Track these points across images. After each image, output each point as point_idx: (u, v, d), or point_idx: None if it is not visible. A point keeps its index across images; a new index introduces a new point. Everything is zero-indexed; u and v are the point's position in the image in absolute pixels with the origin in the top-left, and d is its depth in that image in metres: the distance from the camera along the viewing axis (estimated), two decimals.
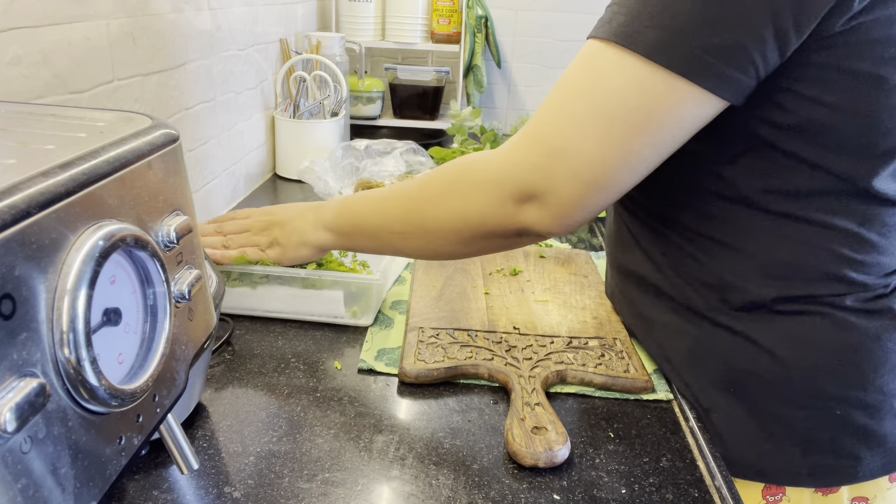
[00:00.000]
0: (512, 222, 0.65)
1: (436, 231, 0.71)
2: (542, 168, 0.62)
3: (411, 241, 0.74)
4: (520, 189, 0.63)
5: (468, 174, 0.69)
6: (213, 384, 0.76)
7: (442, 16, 1.92)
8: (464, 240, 0.70)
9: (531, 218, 0.64)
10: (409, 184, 0.75)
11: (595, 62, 0.60)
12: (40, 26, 0.73)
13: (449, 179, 0.70)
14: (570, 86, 0.62)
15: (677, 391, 0.78)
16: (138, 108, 0.95)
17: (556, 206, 0.62)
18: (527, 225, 0.65)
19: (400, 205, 0.74)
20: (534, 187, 0.62)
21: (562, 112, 0.61)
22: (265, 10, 1.44)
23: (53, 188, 0.33)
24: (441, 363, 0.78)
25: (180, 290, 0.43)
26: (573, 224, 0.64)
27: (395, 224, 0.74)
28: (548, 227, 0.64)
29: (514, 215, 0.65)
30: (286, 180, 1.55)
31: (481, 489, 0.62)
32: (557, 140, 0.61)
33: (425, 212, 0.71)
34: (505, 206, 0.65)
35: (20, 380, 0.30)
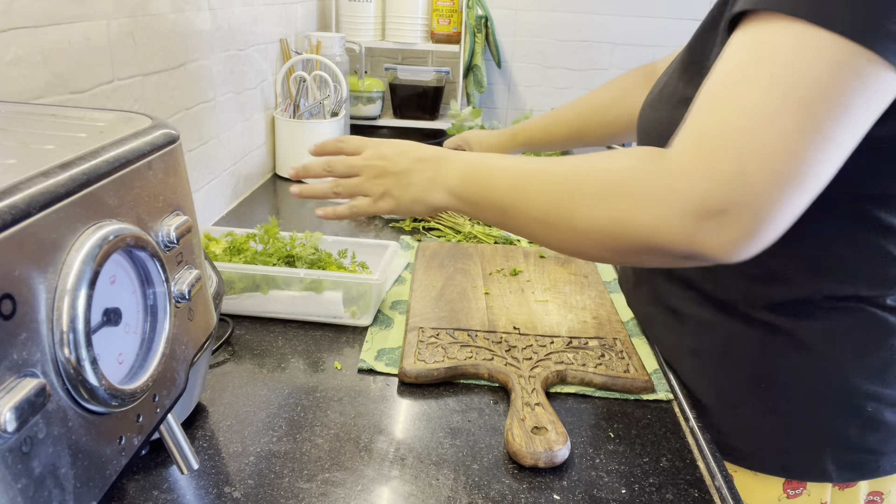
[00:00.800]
0: (686, 242, 0.55)
1: (586, 231, 0.61)
2: (736, 175, 0.52)
3: (552, 233, 0.65)
4: (707, 203, 0.53)
5: (640, 175, 0.57)
6: (213, 384, 0.76)
7: (442, 16, 1.92)
8: (618, 248, 0.60)
9: (711, 240, 0.54)
10: (558, 168, 0.64)
11: (776, 46, 0.52)
12: (40, 26, 0.73)
13: (613, 177, 0.59)
14: (742, 77, 0.53)
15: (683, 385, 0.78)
16: (138, 108, 0.95)
17: (751, 220, 0.52)
18: (704, 249, 0.55)
19: (547, 192, 0.63)
20: (726, 200, 0.52)
21: (742, 108, 0.52)
22: (265, 10, 1.44)
23: (53, 188, 0.33)
24: (441, 363, 0.78)
25: (180, 290, 0.43)
26: (764, 243, 0.55)
27: (536, 211, 0.64)
28: (732, 249, 0.54)
29: (692, 235, 0.54)
30: (286, 180, 1.55)
31: (481, 489, 0.62)
32: (746, 140, 0.52)
33: (578, 209, 0.61)
34: (684, 221, 0.54)
35: (20, 380, 0.30)
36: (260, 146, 1.50)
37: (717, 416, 0.74)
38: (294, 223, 1.27)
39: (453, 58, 2.10)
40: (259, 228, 0.97)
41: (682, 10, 2.11)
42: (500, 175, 0.68)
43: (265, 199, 1.43)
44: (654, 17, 2.12)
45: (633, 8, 2.11)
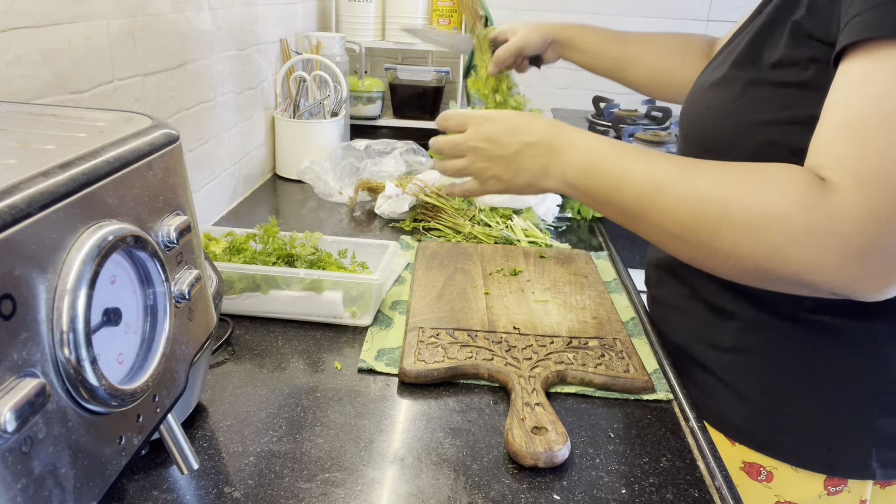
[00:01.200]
0: (843, 284, 0.53)
1: (729, 257, 0.58)
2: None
3: (685, 249, 0.61)
4: (870, 245, 0.51)
5: (799, 212, 0.53)
6: (213, 384, 0.76)
7: (442, 16, 1.92)
8: (761, 278, 0.58)
9: (875, 282, 0.53)
10: (701, 184, 0.59)
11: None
12: (40, 26, 0.73)
13: (769, 210, 0.55)
14: (886, 110, 0.51)
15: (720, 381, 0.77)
16: (138, 108, 0.95)
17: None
18: (864, 291, 0.53)
19: (687, 210, 0.59)
20: (890, 242, 0.51)
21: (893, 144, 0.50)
22: (265, 10, 1.44)
23: (53, 188, 0.33)
24: (441, 363, 0.78)
25: (180, 290, 0.43)
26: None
27: (671, 225, 0.60)
28: (884, 291, 0.54)
29: (853, 278, 0.53)
30: (286, 180, 1.55)
31: (481, 489, 0.62)
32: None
33: (724, 235, 0.57)
34: (845, 265, 0.52)
35: (20, 380, 0.30)
36: (260, 146, 1.50)
37: (760, 412, 0.73)
38: (294, 223, 1.27)
39: (453, 58, 2.10)
40: (259, 228, 0.97)
41: (682, 10, 2.10)
42: (630, 178, 0.63)
43: (265, 199, 1.43)
44: (654, 17, 2.12)
45: (633, 8, 2.11)
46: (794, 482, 0.73)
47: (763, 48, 0.68)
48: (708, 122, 0.72)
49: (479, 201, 1.28)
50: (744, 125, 0.67)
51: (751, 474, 0.75)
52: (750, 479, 0.75)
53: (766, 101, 0.63)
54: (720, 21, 2.11)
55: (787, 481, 0.73)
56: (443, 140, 0.76)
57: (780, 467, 0.73)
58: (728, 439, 0.76)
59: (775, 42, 0.67)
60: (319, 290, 0.89)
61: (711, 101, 0.72)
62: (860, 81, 0.53)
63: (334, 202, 1.39)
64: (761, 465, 0.74)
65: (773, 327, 0.72)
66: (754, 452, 0.74)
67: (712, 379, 0.78)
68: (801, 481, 0.72)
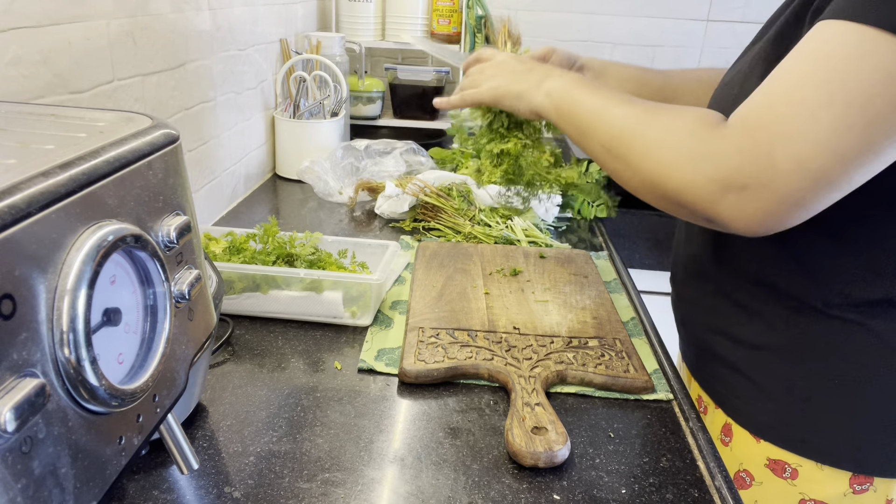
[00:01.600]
0: (707, 207, 0.61)
1: (634, 170, 0.68)
2: (764, 156, 0.56)
3: (611, 163, 0.71)
4: (731, 175, 0.58)
5: (689, 138, 0.63)
6: (213, 384, 0.76)
7: (442, 16, 1.92)
8: (655, 194, 0.67)
9: (730, 211, 0.59)
10: (635, 106, 0.71)
11: (834, 45, 0.55)
12: (40, 26, 0.73)
13: (670, 132, 0.65)
14: (799, 71, 0.57)
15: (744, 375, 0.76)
16: (138, 108, 0.95)
17: (768, 202, 0.57)
18: (723, 218, 0.60)
19: (617, 123, 0.70)
20: (749, 176, 0.57)
21: (790, 98, 0.56)
22: (265, 10, 1.44)
23: (53, 188, 0.33)
24: (441, 363, 0.78)
25: (180, 290, 0.43)
26: (780, 224, 0.59)
27: (605, 138, 0.71)
28: (749, 225, 0.59)
29: (713, 202, 0.60)
30: (286, 180, 1.55)
31: (481, 489, 0.62)
32: (783, 126, 0.56)
33: (634, 148, 0.67)
34: (708, 187, 0.60)
35: (20, 380, 0.30)
36: (260, 146, 1.50)
37: (786, 408, 0.73)
38: (294, 223, 1.28)
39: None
40: (259, 228, 0.97)
41: (682, 10, 2.10)
42: (590, 96, 0.75)
43: (265, 199, 1.43)
44: (654, 17, 2.12)
45: (633, 8, 2.11)
46: (819, 480, 0.72)
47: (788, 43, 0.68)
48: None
49: (479, 201, 1.28)
50: None
51: (776, 471, 0.74)
52: (775, 476, 0.74)
53: None
54: (720, 21, 2.11)
55: (813, 479, 0.72)
56: (473, 68, 0.92)
57: (806, 464, 0.72)
58: (753, 436, 0.75)
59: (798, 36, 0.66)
60: (319, 290, 0.89)
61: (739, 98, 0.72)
62: (802, 42, 0.59)
63: (334, 202, 1.39)
64: (786, 462, 0.73)
65: (800, 324, 0.72)
66: (780, 449, 0.74)
67: (738, 376, 0.77)
68: (826, 479, 0.72)
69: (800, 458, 0.73)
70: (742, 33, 2.11)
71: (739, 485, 0.77)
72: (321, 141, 1.52)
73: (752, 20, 2.09)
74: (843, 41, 0.55)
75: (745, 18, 2.10)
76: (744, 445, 0.76)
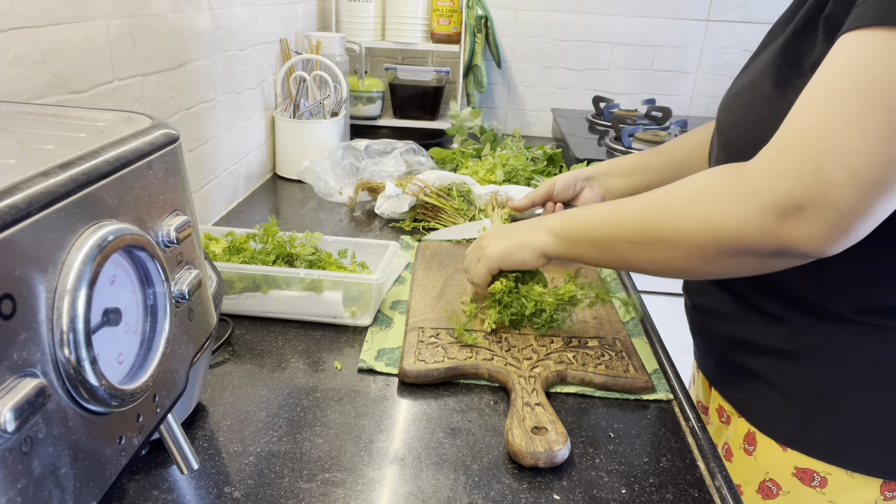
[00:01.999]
0: (771, 239, 0.58)
1: (675, 243, 0.64)
2: (812, 173, 0.55)
3: (644, 252, 0.68)
4: (784, 200, 0.56)
5: (720, 184, 0.62)
6: (213, 384, 0.76)
7: (442, 16, 1.92)
8: (708, 256, 0.63)
9: (798, 234, 0.56)
10: (647, 194, 0.70)
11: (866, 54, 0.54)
12: (40, 26, 0.73)
13: (697, 188, 0.64)
14: (833, 86, 0.56)
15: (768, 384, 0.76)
16: (138, 108, 0.95)
17: (831, 217, 0.55)
18: (791, 243, 0.57)
19: (636, 213, 0.69)
20: (802, 197, 0.55)
21: (828, 113, 0.55)
22: (265, 10, 1.44)
23: (53, 188, 0.33)
24: (441, 363, 0.78)
25: (180, 290, 0.43)
26: (849, 238, 0.57)
27: (627, 233, 0.69)
28: (819, 244, 0.57)
29: (775, 231, 0.57)
30: (286, 180, 1.55)
31: (481, 489, 0.62)
32: (827, 142, 0.54)
33: (664, 221, 0.65)
34: (764, 219, 0.57)
35: (20, 380, 0.30)
36: (260, 146, 1.50)
37: (814, 416, 0.72)
38: (294, 223, 1.28)
39: (453, 58, 2.10)
40: (259, 228, 0.97)
41: (682, 10, 2.11)
42: (596, 210, 0.75)
43: (265, 199, 1.43)
44: (654, 17, 2.12)
45: (633, 8, 2.11)
46: (849, 487, 0.71)
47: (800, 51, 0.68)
48: (750, 128, 0.71)
49: (479, 201, 1.28)
50: None
51: (804, 480, 0.73)
52: (803, 485, 0.73)
53: None
54: (720, 21, 2.11)
55: (842, 487, 0.71)
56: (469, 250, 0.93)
57: (835, 472, 0.71)
58: (779, 445, 0.74)
59: (811, 44, 0.66)
60: (319, 290, 0.89)
61: (751, 106, 0.71)
62: (829, 59, 0.58)
63: (334, 202, 1.39)
64: (815, 470, 0.72)
65: (827, 330, 0.70)
66: (807, 458, 0.72)
67: (762, 384, 0.76)
68: (856, 486, 0.71)
69: (829, 466, 0.71)
70: (742, 33, 2.11)
71: (765, 495, 0.76)
72: (321, 141, 1.52)
73: (752, 20, 2.10)
74: (875, 51, 0.54)
75: (745, 18, 2.10)
76: (769, 454, 0.75)
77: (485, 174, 1.42)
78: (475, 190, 1.28)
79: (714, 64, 2.16)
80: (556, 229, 0.79)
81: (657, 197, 0.68)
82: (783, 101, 0.67)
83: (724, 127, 0.77)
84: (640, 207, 0.69)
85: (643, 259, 0.69)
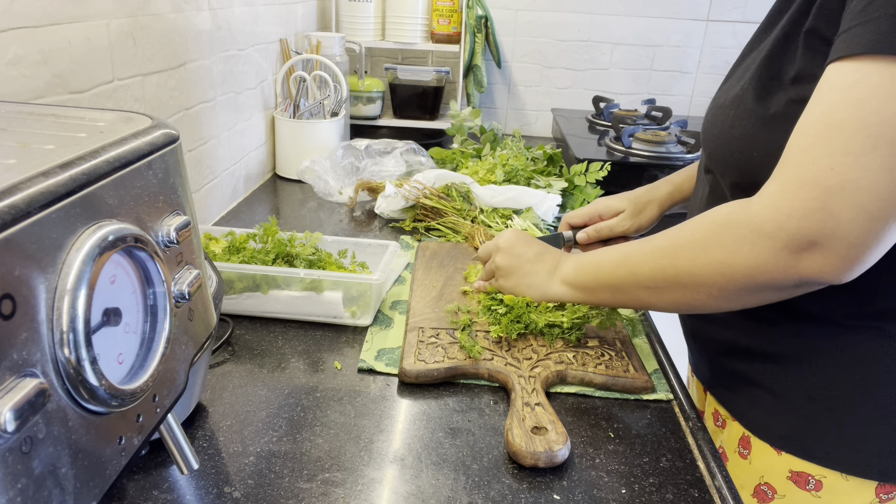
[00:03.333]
0: (790, 274, 0.59)
1: (695, 286, 0.66)
2: (819, 210, 0.56)
3: (665, 296, 0.70)
4: (795, 238, 0.57)
5: (728, 227, 0.62)
6: (213, 384, 0.76)
7: (442, 16, 1.92)
8: (728, 295, 0.64)
9: (814, 267, 0.58)
10: (656, 238, 0.71)
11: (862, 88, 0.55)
12: (40, 26, 0.73)
13: (705, 233, 0.65)
14: (832, 120, 0.56)
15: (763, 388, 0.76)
16: (138, 108, 0.95)
17: (843, 250, 0.56)
18: (809, 275, 0.59)
19: (649, 260, 0.70)
20: (813, 234, 0.57)
21: (829, 149, 0.55)
22: (265, 10, 1.44)
23: (53, 188, 0.33)
24: (441, 363, 0.78)
25: (180, 290, 0.43)
26: (863, 265, 0.58)
27: (644, 280, 0.70)
28: (836, 274, 0.58)
29: (792, 267, 0.59)
30: (286, 180, 1.55)
31: (481, 489, 0.62)
32: (832, 178, 0.55)
33: (680, 267, 0.66)
34: (778, 257, 0.59)
35: (20, 380, 0.30)
36: (260, 146, 1.50)
37: (809, 419, 0.72)
38: (294, 223, 1.28)
39: (453, 58, 2.10)
40: (258, 228, 0.97)
41: (682, 10, 2.11)
42: (609, 257, 0.75)
43: (265, 199, 1.43)
44: (654, 17, 2.12)
45: (633, 8, 2.11)
46: (844, 490, 0.71)
47: (781, 63, 0.68)
48: (734, 143, 0.72)
49: (479, 200, 1.28)
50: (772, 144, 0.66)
51: (799, 483, 0.73)
52: (798, 488, 0.73)
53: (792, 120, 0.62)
54: (720, 21, 2.11)
55: (838, 490, 0.71)
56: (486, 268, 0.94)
57: (830, 475, 0.71)
58: (774, 449, 0.74)
59: (791, 56, 0.67)
60: (319, 290, 0.89)
61: (735, 120, 0.72)
62: (823, 92, 0.58)
63: (334, 202, 1.39)
64: (810, 473, 0.72)
65: (820, 334, 0.71)
66: (802, 461, 0.72)
67: (756, 388, 0.76)
68: (851, 489, 0.71)
69: (823, 470, 0.71)
70: (742, 33, 2.11)
71: (761, 498, 0.76)
72: (321, 141, 1.52)
73: (752, 20, 2.10)
74: (871, 83, 0.54)
75: (745, 18, 2.10)
76: (764, 458, 0.75)
77: (485, 174, 1.42)
78: (475, 190, 1.28)
79: (714, 64, 2.16)
80: (570, 279, 0.79)
81: (667, 244, 0.68)
82: (766, 115, 0.68)
83: (709, 140, 0.77)
84: (653, 254, 0.69)
85: (664, 301, 0.70)
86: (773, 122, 0.67)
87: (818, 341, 0.71)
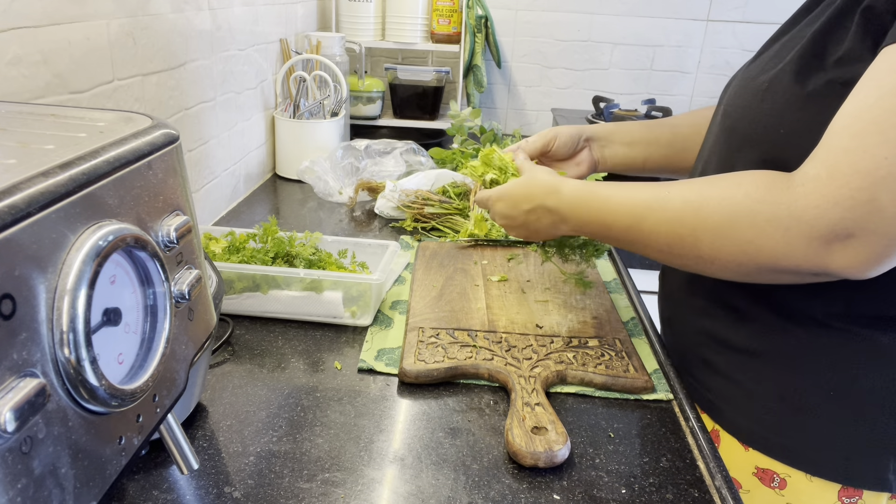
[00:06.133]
0: (816, 263, 0.58)
1: (711, 260, 0.64)
2: (867, 202, 0.54)
3: (677, 261, 0.68)
4: (835, 228, 0.55)
5: (763, 205, 0.60)
6: (213, 384, 0.76)
7: (442, 16, 1.92)
8: (745, 272, 0.63)
9: (843, 261, 0.56)
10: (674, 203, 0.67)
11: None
12: (40, 26, 0.73)
13: (736, 209, 0.61)
14: (886, 107, 0.54)
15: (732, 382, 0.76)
16: (138, 108, 0.95)
17: (879, 246, 0.55)
18: (834, 268, 0.57)
19: (666, 230, 0.67)
20: (853, 226, 0.55)
21: (885, 137, 0.53)
22: (265, 10, 1.44)
23: (53, 188, 0.33)
24: (441, 363, 0.78)
25: (180, 290, 0.43)
26: (890, 265, 0.57)
27: (659, 244, 0.68)
28: (862, 270, 0.57)
29: (821, 257, 0.57)
30: (286, 180, 1.55)
31: (481, 489, 0.62)
32: (884, 169, 0.53)
33: (702, 240, 0.64)
34: (810, 246, 0.57)
35: (20, 380, 0.30)
36: (260, 146, 1.50)
37: (777, 417, 0.72)
38: (294, 223, 1.28)
39: (453, 58, 2.10)
40: (258, 228, 0.97)
41: (682, 10, 2.11)
42: (614, 217, 0.72)
43: (265, 199, 1.43)
44: (654, 17, 2.12)
45: (633, 8, 2.11)
46: (807, 491, 0.71)
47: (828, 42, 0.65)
48: (762, 116, 0.69)
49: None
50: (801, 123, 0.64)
51: (763, 480, 0.73)
52: (762, 485, 0.74)
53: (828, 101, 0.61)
54: (720, 21, 2.11)
55: (801, 489, 0.71)
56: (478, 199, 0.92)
57: (794, 475, 0.72)
58: (741, 444, 0.74)
59: (841, 36, 0.64)
60: (319, 290, 0.89)
61: (766, 94, 0.69)
62: (874, 78, 0.56)
63: (334, 202, 1.39)
64: (775, 471, 0.72)
65: (795, 332, 0.70)
66: (768, 458, 0.73)
67: (728, 382, 0.76)
68: (815, 490, 0.71)
69: (789, 469, 0.72)
70: (742, 33, 2.11)
71: None
72: (321, 141, 1.52)
73: (752, 20, 2.10)
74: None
75: (745, 18, 2.10)
76: (731, 452, 0.75)
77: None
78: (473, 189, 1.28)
79: (714, 64, 2.16)
80: (577, 230, 0.78)
81: (690, 210, 0.65)
82: (802, 93, 0.65)
83: (734, 111, 0.74)
84: (671, 222, 0.66)
85: (675, 264, 0.69)
86: (808, 102, 0.65)
87: (792, 339, 0.71)
